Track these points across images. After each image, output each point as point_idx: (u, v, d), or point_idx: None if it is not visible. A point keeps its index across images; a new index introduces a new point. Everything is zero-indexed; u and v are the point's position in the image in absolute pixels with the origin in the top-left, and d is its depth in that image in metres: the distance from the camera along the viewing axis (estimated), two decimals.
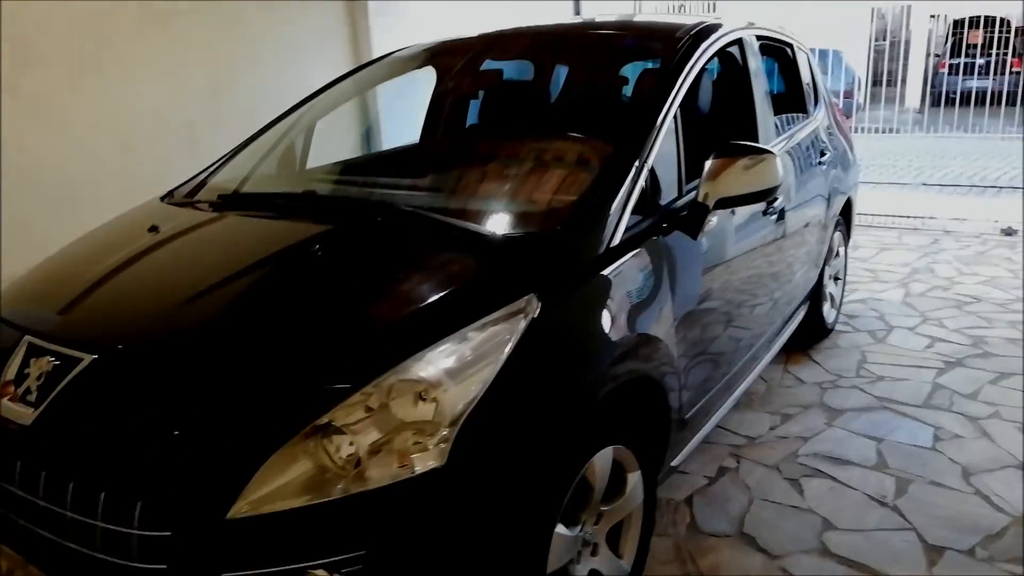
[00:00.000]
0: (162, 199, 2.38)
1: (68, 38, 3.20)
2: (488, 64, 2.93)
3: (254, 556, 1.27)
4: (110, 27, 3.36)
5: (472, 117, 3.08)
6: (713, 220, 2.12)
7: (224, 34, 3.87)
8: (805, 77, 3.53)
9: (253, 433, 1.32)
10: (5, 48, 2.97)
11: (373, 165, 3.15)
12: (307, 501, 1.27)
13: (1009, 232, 5.90)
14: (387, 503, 1.30)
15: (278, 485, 1.27)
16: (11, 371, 1.54)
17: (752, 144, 2.07)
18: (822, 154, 3.36)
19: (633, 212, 1.87)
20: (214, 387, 1.42)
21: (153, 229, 2.04)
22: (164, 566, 1.26)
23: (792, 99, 3.45)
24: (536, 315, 1.51)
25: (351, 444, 1.30)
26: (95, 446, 1.40)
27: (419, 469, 1.31)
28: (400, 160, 3.04)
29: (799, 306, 3.30)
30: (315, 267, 1.76)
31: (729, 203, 2.02)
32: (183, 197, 2.36)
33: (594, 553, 1.78)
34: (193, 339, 1.54)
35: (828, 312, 3.79)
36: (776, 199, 2.59)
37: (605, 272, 1.75)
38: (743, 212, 2.37)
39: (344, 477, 1.29)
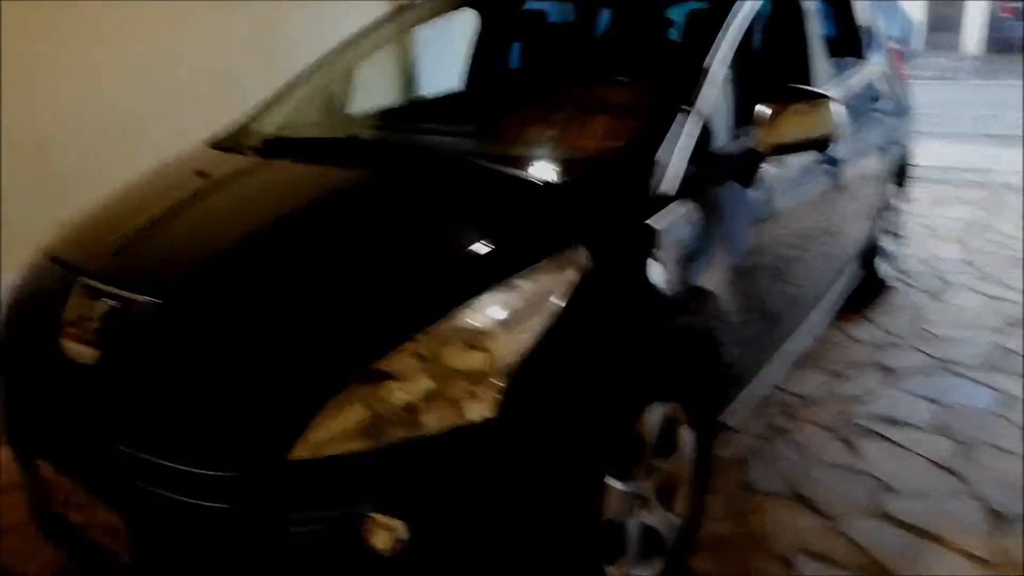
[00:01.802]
0: (207, 144, 2.34)
1: None
2: (531, 4, 2.83)
3: (313, 498, 1.27)
4: None
5: (516, 61, 2.99)
6: (766, 169, 2.03)
7: None
8: (861, 20, 3.36)
9: (311, 378, 1.32)
10: None
11: (416, 111, 3.09)
12: (363, 446, 1.27)
13: None
14: (440, 450, 1.29)
15: (336, 429, 1.27)
16: (71, 312, 1.56)
17: (808, 88, 1.96)
18: (877, 101, 3.20)
19: (683, 160, 1.78)
20: (272, 332, 1.41)
21: (201, 174, 2.03)
22: (228, 505, 1.28)
23: (847, 43, 3.28)
24: (585, 265, 1.46)
25: (404, 391, 1.29)
26: (159, 387, 1.41)
27: (472, 418, 1.29)
28: (444, 106, 2.98)
29: (853, 262, 3.18)
30: (364, 214, 1.73)
31: (783, 150, 1.94)
32: (228, 143, 2.32)
33: (647, 508, 1.73)
34: (250, 283, 1.54)
35: (883, 269, 3.65)
36: (830, 148, 2.47)
37: (655, 221, 1.67)
38: (797, 162, 2.27)
39: (398, 423, 1.28)
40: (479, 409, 1.29)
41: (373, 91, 2.94)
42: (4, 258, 2.60)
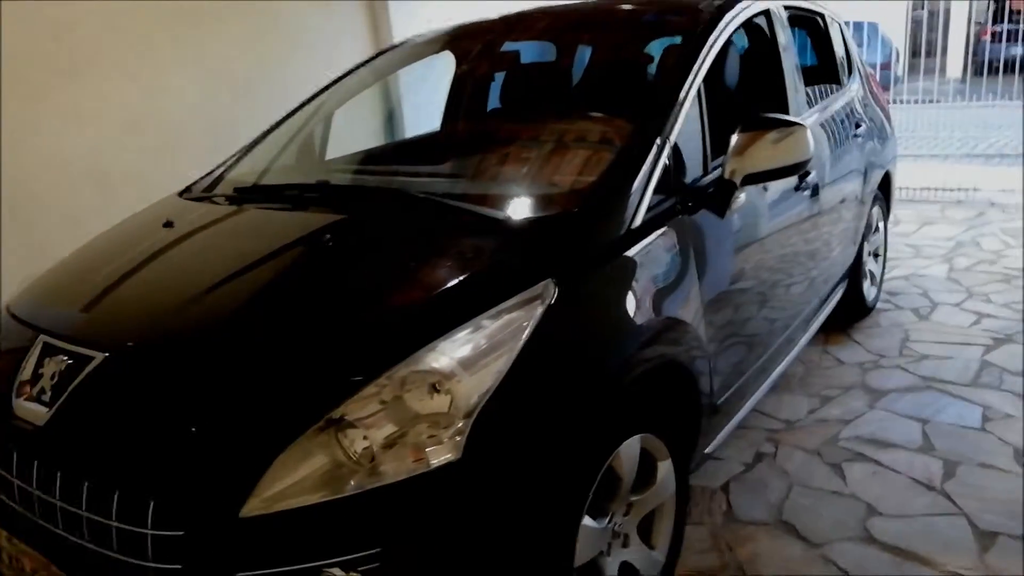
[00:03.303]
0: (180, 194, 2.36)
1: (100, 38, 3.25)
2: (507, 46, 2.86)
3: (268, 555, 1.23)
4: (145, 26, 3.42)
5: (492, 101, 3.02)
6: (742, 197, 2.04)
7: (250, 34, 3.91)
8: (838, 48, 3.40)
9: (265, 428, 1.28)
10: (48, 50, 3.09)
11: (392, 154, 3.11)
12: (321, 497, 1.23)
13: None
14: (403, 498, 1.25)
15: (291, 481, 1.23)
16: (27, 371, 1.53)
17: (780, 116, 1.98)
18: (857, 126, 3.23)
19: (656, 191, 1.80)
20: (226, 383, 1.39)
21: (168, 225, 2.02)
22: (179, 566, 1.24)
23: (825, 71, 3.33)
24: (553, 301, 1.45)
25: (365, 438, 1.26)
26: (108, 445, 1.38)
27: (434, 463, 1.26)
28: (419, 147, 2.99)
29: (837, 284, 3.19)
30: (328, 258, 1.72)
31: (757, 179, 1.95)
32: (200, 192, 2.33)
33: (625, 545, 1.72)
34: (205, 334, 1.51)
35: (868, 290, 3.66)
36: (809, 174, 2.49)
37: (627, 254, 1.68)
38: (775, 188, 2.29)
39: (358, 472, 1.25)
40: (442, 453, 1.26)
41: (354, 135, 2.97)
42: None
